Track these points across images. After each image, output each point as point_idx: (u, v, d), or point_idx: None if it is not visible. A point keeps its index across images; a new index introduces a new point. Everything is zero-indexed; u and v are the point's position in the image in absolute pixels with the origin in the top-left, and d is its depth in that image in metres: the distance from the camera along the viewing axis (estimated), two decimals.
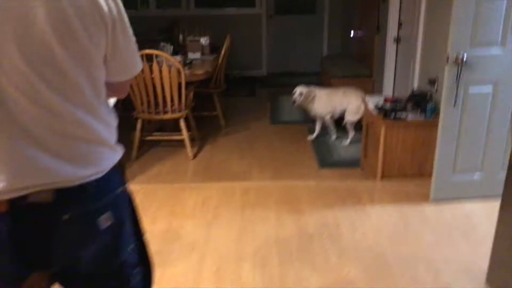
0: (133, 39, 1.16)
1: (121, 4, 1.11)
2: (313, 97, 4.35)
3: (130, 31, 1.14)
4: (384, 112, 3.34)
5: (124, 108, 4.72)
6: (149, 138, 4.30)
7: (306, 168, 3.83)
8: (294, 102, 4.33)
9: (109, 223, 1.13)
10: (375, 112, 3.42)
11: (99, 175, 1.10)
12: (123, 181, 1.22)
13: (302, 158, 4.08)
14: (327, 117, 4.41)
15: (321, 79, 6.29)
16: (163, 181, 3.59)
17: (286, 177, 3.64)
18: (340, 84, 5.14)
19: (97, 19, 1.03)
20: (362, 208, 2.97)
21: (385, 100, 3.58)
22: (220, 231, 2.73)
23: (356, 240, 2.62)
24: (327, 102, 4.39)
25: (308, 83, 6.84)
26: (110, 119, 1.17)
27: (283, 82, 6.99)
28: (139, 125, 4.09)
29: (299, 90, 4.34)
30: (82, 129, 1.07)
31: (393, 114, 3.28)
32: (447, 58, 2.67)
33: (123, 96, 1.28)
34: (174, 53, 4.87)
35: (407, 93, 3.72)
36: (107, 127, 1.14)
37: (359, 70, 5.26)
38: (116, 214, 1.15)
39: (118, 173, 1.18)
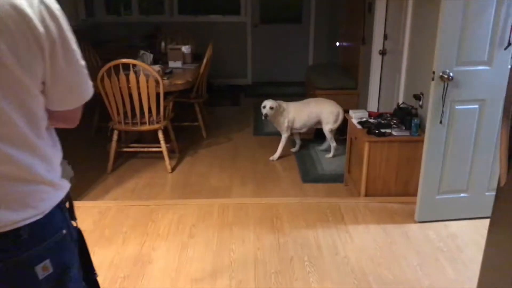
0: (81, 62, 1.01)
1: (64, 23, 0.95)
2: (283, 111, 4.18)
3: (76, 53, 0.99)
4: (368, 127, 3.24)
5: (100, 118, 4.57)
6: (126, 149, 4.14)
7: (288, 183, 3.71)
8: (266, 116, 4.08)
9: (49, 271, 0.98)
10: (358, 127, 3.32)
11: (36, 218, 0.95)
12: (70, 220, 1.08)
13: (285, 172, 3.96)
14: (287, 133, 4.23)
15: (306, 90, 6.20)
16: (138, 197, 3.44)
17: (267, 192, 3.51)
18: (325, 96, 5.05)
19: (30, 43, 0.88)
20: (345, 228, 2.85)
21: (369, 114, 3.49)
22: (194, 254, 2.58)
23: (337, 263, 2.49)
24: (298, 115, 4.23)
25: (293, 93, 6.75)
26: (52, 153, 1.02)
27: (268, 91, 6.88)
28: (115, 136, 3.93)
29: (269, 104, 4.10)
30: (14, 167, 0.92)
31: (377, 129, 3.18)
32: (433, 76, 2.57)
33: (72, 126, 1.12)
34: (155, 61, 4.73)
35: (393, 107, 3.63)
36: (48, 162, 1.00)
37: (344, 81, 5.17)
38: (58, 261, 1.00)
39: (62, 213, 1.03)
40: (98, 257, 2.53)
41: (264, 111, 4.09)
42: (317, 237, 2.75)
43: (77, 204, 3.11)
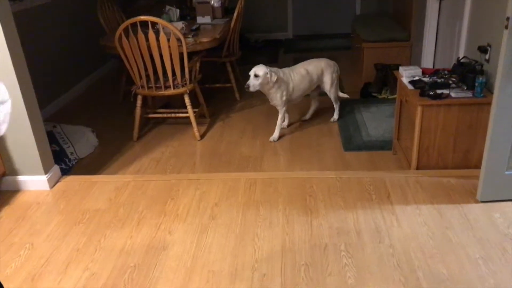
0: None
1: None
2: (275, 81, 3.30)
3: None
4: (421, 87, 2.73)
5: (128, 82, 4.29)
6: (152, 115, 3.85)
7: (328, 151, 3.29)
8: (247, 87, 3.23)
9: None
10: (410, 87, 2.81)
11: None
12: None
13: (325, 138, 3.53)
14: (285, 107, 3.47)
15: (352, 42, 5.61)
16: (163, 168, 3.15)
17: (303, 163, 3.11)
18: (373, 49, 4.50)
19: None
20: (391, 208, 2.43)
21: (423, 72, 2.95)
22: (214, 239, 2.27)
23: (380, 254, 2.10)
24: (297, 84, 3.46)
25: (337, 47, 6.18)
26: None
27: (310, 46, 6.34)
28: (139, 102, 3.64)
29: (253, 70, 3.24)
30: None
31: (432, 90, 2.66)
32: (507, 23, 2.01)
33: None
34: (182, 17, 4.35)
35: (452, 62, 3.06)
36: None
37: (395, 32, 4.56)
38: None
39: None
40: (108, 242, 2.29)
41: (249, 81, 3.24)
42: (357, 220, 2.35)
43: (93, 179, 2.88)
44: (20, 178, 2.80)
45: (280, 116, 3.51)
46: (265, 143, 3.49)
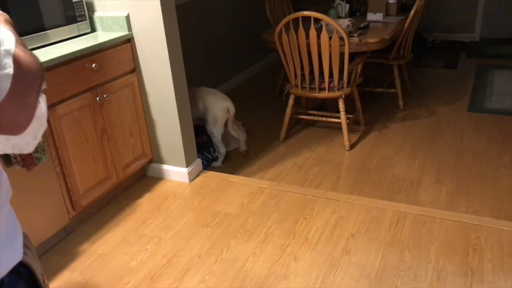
0: None
1: None
2: None
3: None
4: None
5: (285, 77, 4.13)
6: (303, 116, 3.62)
7: (508, 190, 2.63)
8: None
9: None
10: None
11: None
12: None
13: (506, 170, 2.84)
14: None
15: None
16: (303, 177, 2.91)
17: (471, 199, 2.54)
18: None
19: None
20: None
21: None
22: (344, 279, 1.94)
23: None
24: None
25: None
26: None
27: (500, 51, 5.35)
28: (291, 101, 3.45)
29: None
30: None
31: None
32: None
33: (18, 131, 0.64)
34: (351, 12, 3.99)
35: None
36: None
37: None
38: None
39: None
40: (231, 255, 2.14)
41: None
42: None
43: (230, 178, 2.77)
44: (164, 167, 2.85)
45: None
46: (426, 165, 2.97)
